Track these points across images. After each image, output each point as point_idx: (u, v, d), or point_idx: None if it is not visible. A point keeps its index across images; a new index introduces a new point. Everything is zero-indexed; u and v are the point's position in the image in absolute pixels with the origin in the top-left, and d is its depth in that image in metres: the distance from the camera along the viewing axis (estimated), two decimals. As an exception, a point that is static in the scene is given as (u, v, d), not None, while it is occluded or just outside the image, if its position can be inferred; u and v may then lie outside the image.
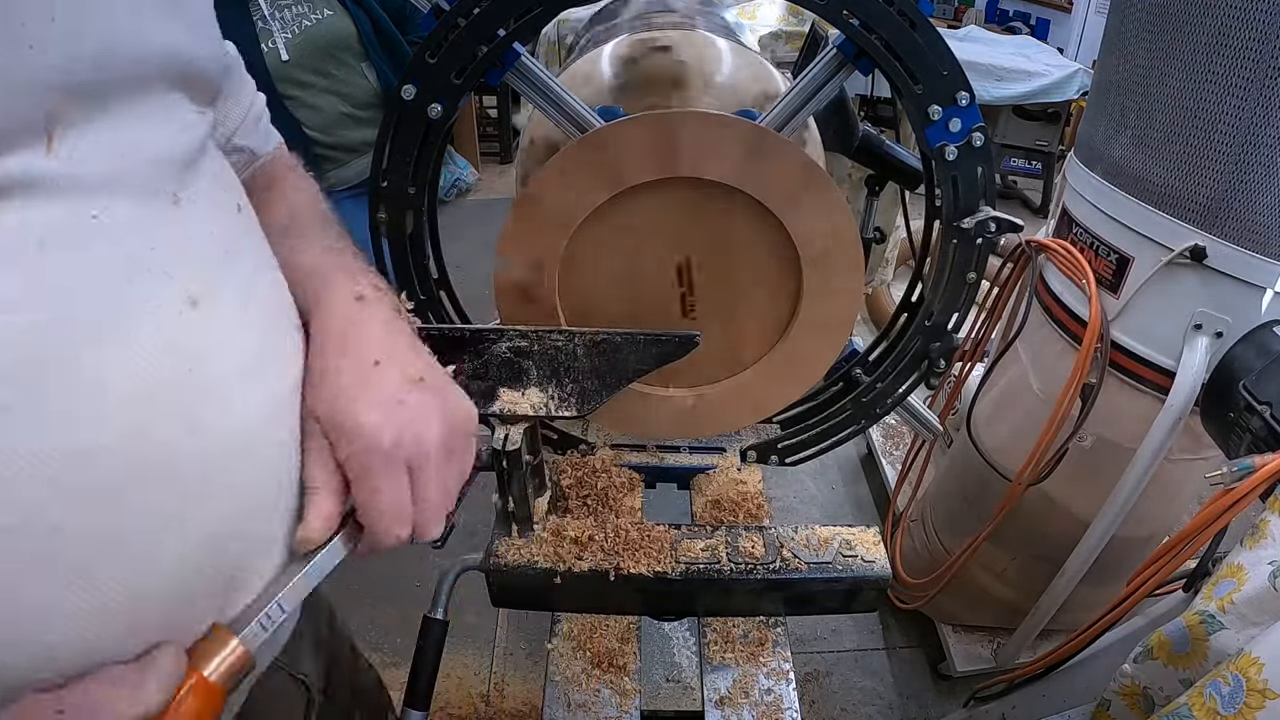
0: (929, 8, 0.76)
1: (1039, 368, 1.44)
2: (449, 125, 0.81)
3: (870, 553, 0.84)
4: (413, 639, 0.83)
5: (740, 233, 0.83)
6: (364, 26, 2.17)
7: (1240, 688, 0.74)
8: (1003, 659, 1.68)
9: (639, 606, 0.88)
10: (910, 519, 1.94)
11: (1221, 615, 0.87)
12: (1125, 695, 1.01)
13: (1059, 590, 1.41)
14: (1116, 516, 1.27)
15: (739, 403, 0.95)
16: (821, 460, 1.20)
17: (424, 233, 0.88)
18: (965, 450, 1.61)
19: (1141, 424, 1.21)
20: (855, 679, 1.86)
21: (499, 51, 0.77)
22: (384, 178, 0.82)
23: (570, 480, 0.99)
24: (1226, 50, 1.01)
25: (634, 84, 0.92)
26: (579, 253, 0.84)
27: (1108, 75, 1.24)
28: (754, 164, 0.78)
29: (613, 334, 0.77)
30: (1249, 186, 1.04)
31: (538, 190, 0.79)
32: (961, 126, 0.80)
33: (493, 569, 0.82)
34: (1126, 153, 1.19)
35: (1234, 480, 0.89)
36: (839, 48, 0.78)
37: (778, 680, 0.84)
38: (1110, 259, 1.23)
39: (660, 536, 0.85)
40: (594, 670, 0.85)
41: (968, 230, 0.86)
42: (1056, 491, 1.42)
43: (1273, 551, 0.85)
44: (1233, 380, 1.01)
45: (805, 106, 0.80)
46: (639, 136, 0.77)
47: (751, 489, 1.02)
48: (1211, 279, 1.11)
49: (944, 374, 0.96)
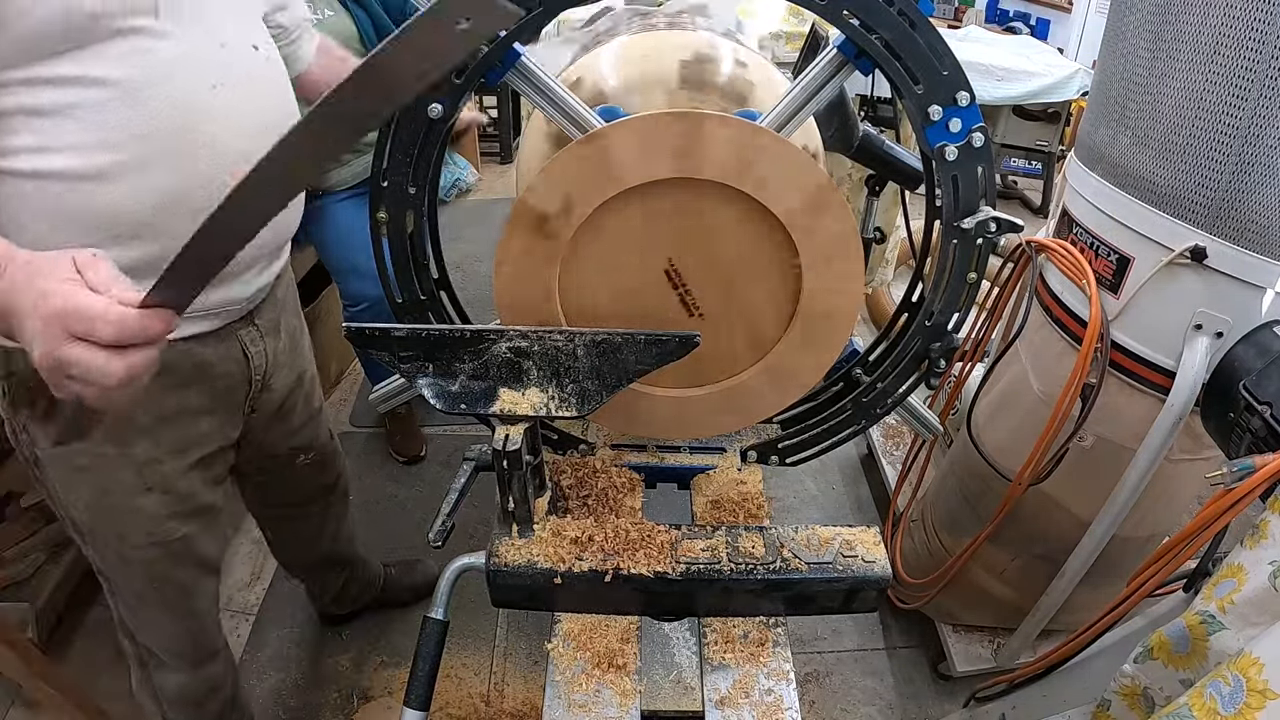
0: (929, 8, 0.76)
1: (1039, 368, 1.44)
2: (449, 125, 0.81)
3: (870, 553, 0.84)
4: (413, 639, 0.83)
5: (740, 233, 0.83)
6: (364, 26, 2.16)
7: (1240, 688, 0.74)
8: (1003, 659, 1.68)
9: (639, 606, 0.88)
10: (910, 519, 1.94)
11: (1222, 615, 0.87)
12: (1125, 695, 1.01)
13: (1059, 590, 1.41)
14: (1117, 516, 1.27)
15: (732, 404, 0.95)
16: (821, 460, 1.20)
17: (424, 233, 0.88)
18: (965, 450, 1.61)
19: (1141, 424, 1.21)
20: (855, 679, 1.86)
21: (499, 51, 0.77)
22: (384, 178, 0.82)
23: (570, 480, 0.99)
24: (1227, 50, 1.01)
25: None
26: (578, 251, 0.84)
27: (1108, 75, 1.24)
28: (759, 169, 0.78)
29: (613, 334, 0.77)
30: (1249, 186, 1.04)
31: (604, 135, 0.77)
32: (962, 126, 0.80)
33: (493, 569, 0.82)
34: (1127, 153, 1.19)
35: (1234, 480, 0.89)
36: (839, 48, 0.78)
37: (778, 680, 0.84)
38: (1110, 259, 1.23)
39: (660, 536, 0.85)
40: (594, 670, 0.85)
41: (968, 230, 0.86)
42: (1056, 491, 1.42)
43: (1273, 551, 0.85)
44: (1233, 380, 1.01)
45: (805, 106, 0.80)
46: (640, 136, 0.77)
47: (751, 489, 1.02)
48: (1212, 279, 1.11)
49: (944, 374, 0.96)
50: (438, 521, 0.84)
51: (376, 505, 2.27)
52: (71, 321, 0.57)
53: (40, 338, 0.58)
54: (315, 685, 1.79)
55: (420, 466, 2.45)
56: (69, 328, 0.57)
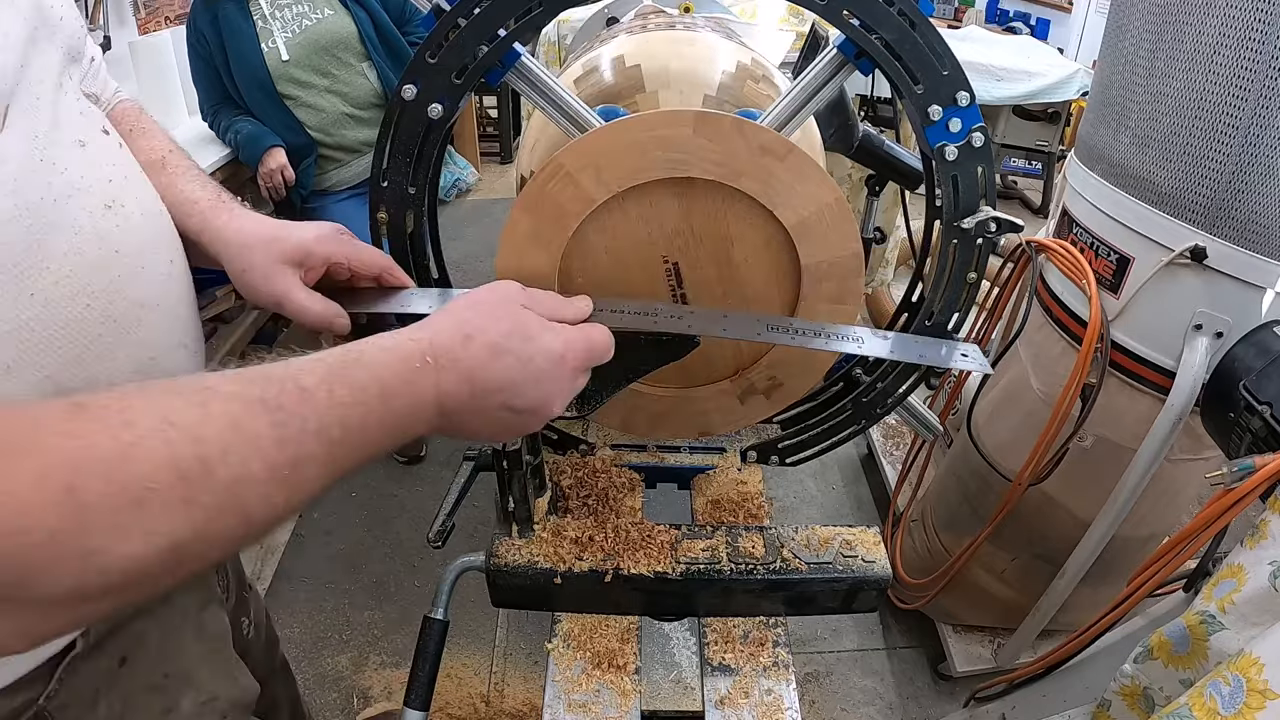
0: (929, 8, 0.76)
1: (1039, 368, 1.44)
2: (449, 125, 0.81)
3: (870, 553, 0.84)
4: (413, 639, 0.83)
5: (737, 233, 0.83)
6: (364, 26, 2.17)
7: (1240, 688, 0.74)
8: (1003, 659, 1.68)
9: (639, 606, 0.88)
10: (910, 519, 1.94)
11: (1222, 615, 0.87)
12: (1125, 695, 1.01)
13: (1059, 590, 1.41)
14: (1117, 516, 1.27)
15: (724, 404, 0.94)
16: (821, 460, 1.20)
17: (424, 233, 0.88)
18: (965, 450, 1.61)
19: (1142, 424, 1.21)
20: (855, 679, 1.86)
21: (499, 51, 0.77)
22: (384, 178, 0.82)
23: (570, 480, 0.99)
24: (1227, 50, 1.01)
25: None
26: (578, 250, 0.84)
27: (1108, 75, 1.24)
28: (757, 166, 0.78)
29: (613, 334, 0.77)
30: (1249, 186, 1.04)
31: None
32: (962, 126, 0.80)
33: (493, 569, 0.82)
34: (1127, 153, 1.19)
35: (1234, 480, 0.89)
36: (839, 48, 0.78)
37: (778, 680, 0.84)
38: (1110, 259, 1.23)
39: (660, 536, 0.85)
40: (594, 670, 0.85)
41: (968, 230, 0.86)
42: (1056, 491, 1.42)
43: (1273, 551, 0.85)
44: (1233, 380, 1.01)
45: (805, 106, 0.80)
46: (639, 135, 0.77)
47: (751, 489, 1.02)
48: (1212, 279, 1.11)
49: (944, 374, 0.96)
50: (437, 521, 0.84)
51: (377, 505, 2.27)
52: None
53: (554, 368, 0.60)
54: (315, 685, 1.79)
55: (420, 466, 2.45)
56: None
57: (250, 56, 2.08)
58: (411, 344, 0.53)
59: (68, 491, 0.38)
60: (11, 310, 0.52)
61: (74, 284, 0.56)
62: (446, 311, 0.59)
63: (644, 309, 0.79)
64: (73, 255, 0.56)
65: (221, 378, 0.46)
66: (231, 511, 0.43)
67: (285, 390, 0.46)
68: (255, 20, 2.09)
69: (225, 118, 2.19)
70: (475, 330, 0.56)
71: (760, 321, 0.79)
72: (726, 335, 0.79)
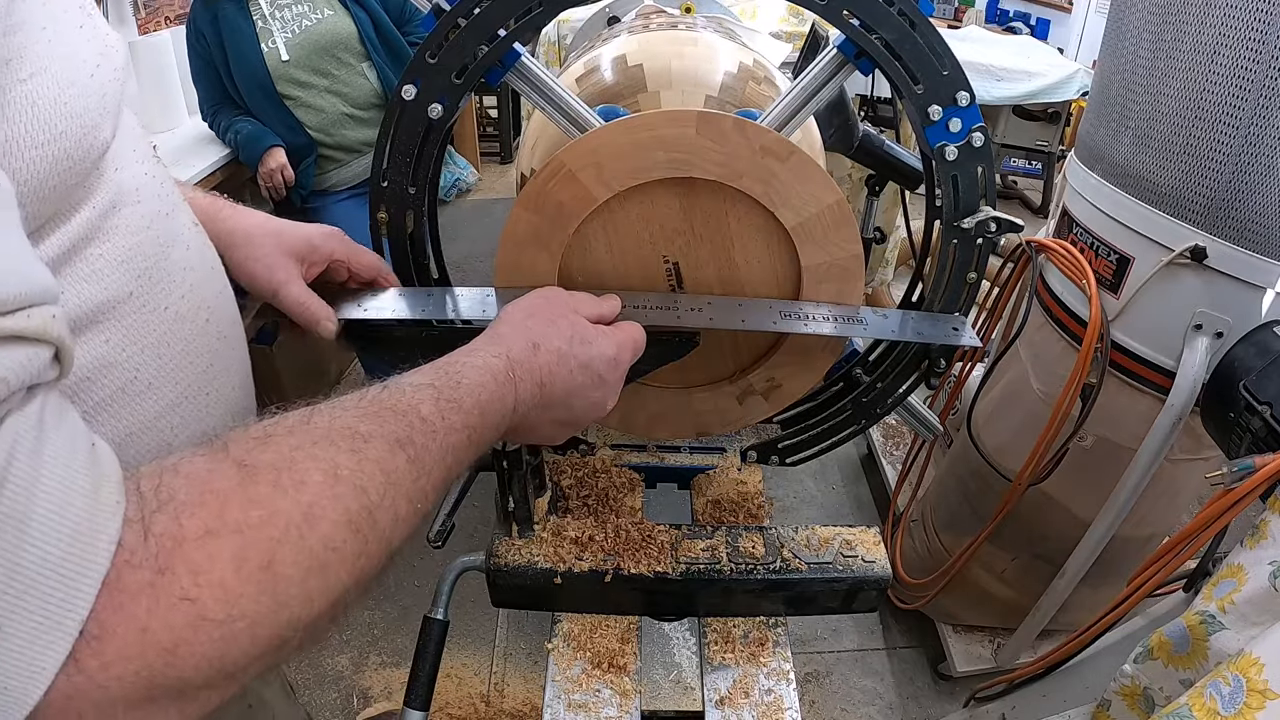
0: (929, 8, 0.76)
1: (1039, 368, 1.44)
2: (449, 125, 0.81)
3: (870, 553, 0.84)
4: (413, 639, 0.83)
5: (738, 233, 0.83)
6: (364, 26, 2.17)
7: (1240, 688, 0.74)
8: (1003, 659, 1.68)
9: (639, 606, 0.88)
10: (910, 519, 1.94)
11: (1222, 615, 0.87)
12: (1125, 695, 1.01)
13: (1059, 590, 1.42)
14: (1117, 516, 1.27)
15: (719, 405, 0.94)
16: (821, 460, 1.20)
17: (424, 233, 0.88)
18: (965, 450, 1.61)
19: (1141, 424, 1.21)
20: (855, 679, 1.86)
21: (499, 51, 0.76)
22: (384, 178, 0.82)
23: (570, 480, 0.99)
24: (1227, 50, 1.01)
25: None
26: (578, 250, 0.84)
27: (1108, 75, 1.24)
28: (759, 167, 0.78)
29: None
30: (1249, 186, 1.04)
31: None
32: (962, 126, 0.80)
33: (493, 569, 0.82)
34: (1127, 153, 1.19)
35: (1234, 480, 0.89)
36: (839, 48, 0.78)
37: (778, 680, 0.84)
38: (1110, 259, 1.23)
39: (660, 536, 0.85)
40: (594, 670, 0.85)
41: (968, 230, 0.86)
42: (1056, 491, 1.42)
43: (1273, 551, 0.85)
44: (1233, 380, 1.01)
45: (805, 106, 0.80)
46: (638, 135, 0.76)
47: (751, 489, 1.02)
48: (1212, 279, 1.11)
49: (944, 374, 0.96)
50: (437, 521, 0.84)
51: (376, 505, 2.27)
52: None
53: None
54: (315, 685, 1.79)
55: (420, 466, 2.45)
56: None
57: (250, 56, 2.08)
58: (496, 360, 0.55)
59: (265, 569, 0.36)
60: (152, 325, 0.51)
61: (195, 298, 0.55)
62: (507, 322, 0.61)
63: (664, 302, 0.79)
64: (188, 270, 0.55)
65: (355, 417, 0.45)
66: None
67: (412, 425, 0.46)
68: (255, 20, 2.09)
69: (225, 118, 2.19)
70: (540, 339, 0.58)
71: (774, 309, 0.80)
72: (745, 327, 0.79)
